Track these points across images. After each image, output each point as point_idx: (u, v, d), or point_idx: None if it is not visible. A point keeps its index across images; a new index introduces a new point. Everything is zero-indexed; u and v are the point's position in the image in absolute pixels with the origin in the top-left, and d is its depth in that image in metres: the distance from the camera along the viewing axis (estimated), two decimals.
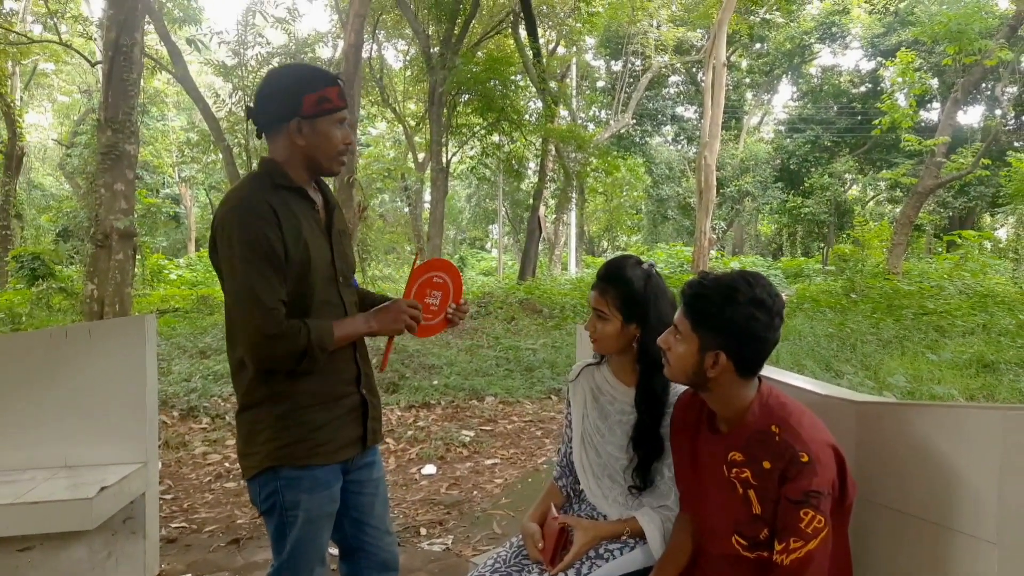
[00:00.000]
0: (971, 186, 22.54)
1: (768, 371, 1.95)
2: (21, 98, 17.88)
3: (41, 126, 26.48)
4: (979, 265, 16.20)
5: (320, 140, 1.64)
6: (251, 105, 1.68)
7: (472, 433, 5.27)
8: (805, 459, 1.33)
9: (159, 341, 7.41)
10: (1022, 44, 17.63)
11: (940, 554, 1.40)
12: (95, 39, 13.99)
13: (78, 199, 17.66)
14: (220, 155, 11.88)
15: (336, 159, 1.69)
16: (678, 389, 1.73)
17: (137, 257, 8.88)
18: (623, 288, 1.74)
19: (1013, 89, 21.56)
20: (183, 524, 3.61)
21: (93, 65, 12.84)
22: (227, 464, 4.54)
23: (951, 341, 8.41)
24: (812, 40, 26.57)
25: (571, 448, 1.91)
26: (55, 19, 13.85)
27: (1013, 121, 24.00)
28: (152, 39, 13.44)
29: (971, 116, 27.93)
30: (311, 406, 1.65)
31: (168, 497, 4.00)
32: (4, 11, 12.77)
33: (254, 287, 1.52)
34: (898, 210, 22.07)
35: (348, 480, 1.80)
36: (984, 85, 21.73)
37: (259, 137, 1.71)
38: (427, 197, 18.70)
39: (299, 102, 1.60)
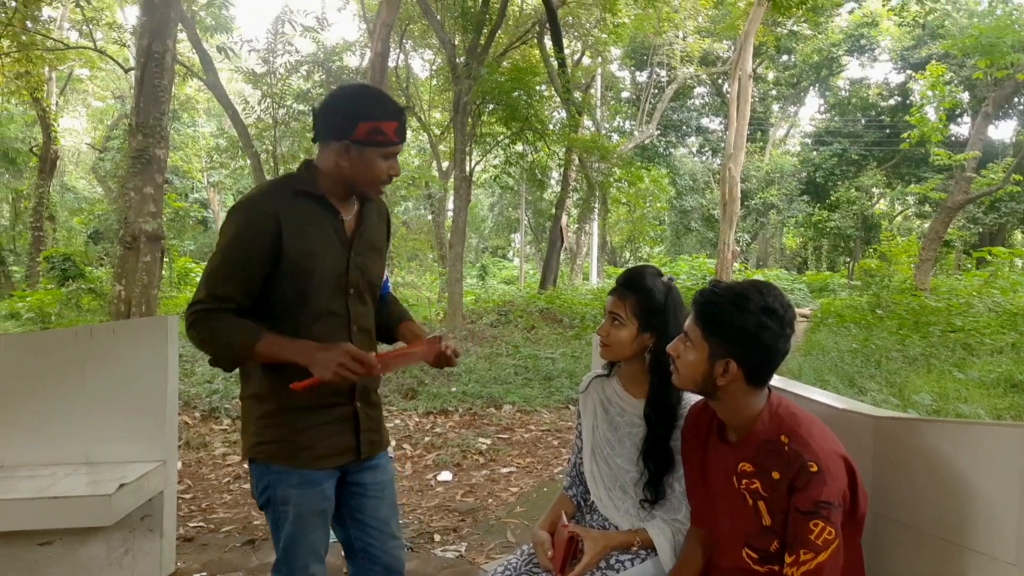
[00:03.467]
0: (1002, 202, 22.10)
1: (786, 384, 1.93)
2: (56, 103, 18.28)
3: (75, 130, 27.03)
4: (1009, 283, 15.87)
5: (364, 168, 1.64)
6: (316, 108, 1.70)
7: (489, 441, 5.27)
8: (814, 469, 1.32)
9: (183, 342, 7.53)
10: None
11: (957, 573, 1.37)
12: (129, 46, 14.30)
13: (109, 202, 18.01)
14: (248, 161, 12.04)
15: (375, 188, 1.69)
16: (689, 401, 1.72)
17: (164, 260, 9.02)
18: (643, 296, 1.74)
19: None
20: (200, 523, 3.65)
21: (126, 71, 13.13)
22: (246, 465, 4.58)
23: (979, 359, 8.25)
24: (840, 52, 26.34)
25: (581, 459, 1.91)
26: (90, 26, 14.17)
27: None
28: (184, 46, 13.68)
29: (1002, 131, 27.51)
30: (293, 410, 1.67)
31: (187, 496, 4.04)
32: (42, 18, 13.09)
33: (209, 277, 1.61)
34: (926, 225, 21.73)
35: (350, 482, 1.81)
36: (1016, 99, 21.34)
37: (313, 141, 1.72)
38: (450, 205, 18.78)
39: (353, 127, 1.60)
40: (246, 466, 4.46)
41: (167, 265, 13.55)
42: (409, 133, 23.54)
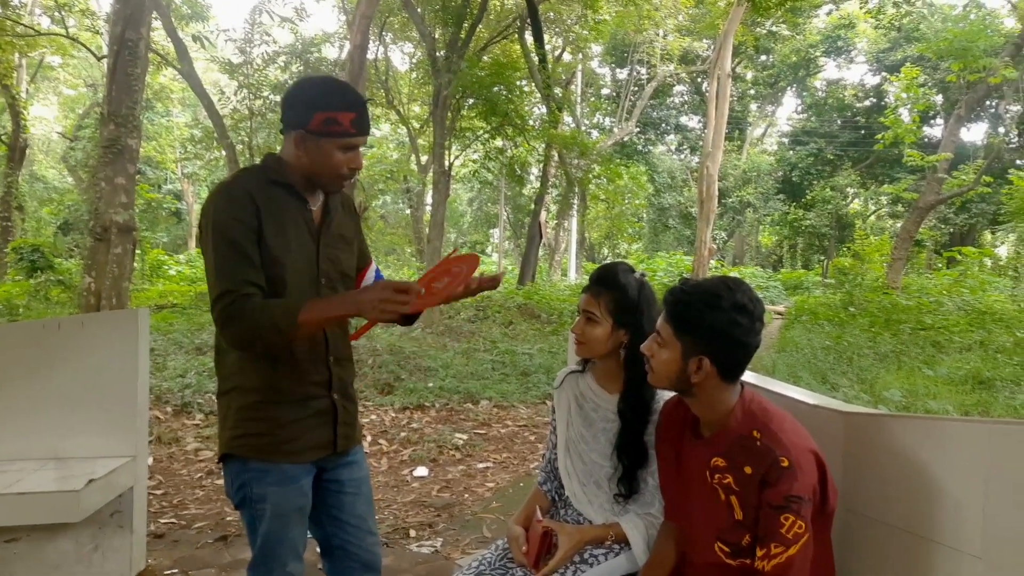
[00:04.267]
0: (972, 203, 22.57)
1: (759, 380, 1.95)
2: (27, 90, 17.90)
3: (46, 119, 26.50)
4: (978, 282, 16.22)
5: (322, 159, 1.62)
6: (283, 97, 1.69)
7: (465, 436, 5.26)
8: (786, 464, 1.33)
9: (155, 336, 7.42)
10: None
11: (924, 567, 1.39)
12: (102, 33, 14.03)
13: (80, 192, 17.69)
14: (223, 152, 11.90)
15: (334, 181, 1.66)
16: (663, 397, 1.73)
17: (136, 252, 8.89)
18: (617, 293, 1.75)
19: (1016, 107, 21.61)
20: (172, 520, 3.60)
21: (99, 59, 12.88)
22: (218, 461, 4.53)
23: (948, 357, 8.41)
24: (817, 53, 26.66)
25: (556, 454, 1.91)
26: (63, 12, 13.89)
27: (1016, 139, 24.03)
28: (159, 35, 13.46)
29: (974, 133, 28.03)
30: (276, 403, 1.65)
31: (158, 492, 3.99)
32: (12, 3, 12.79)
33: (220, 268, 1.55)
34: (899, 225, 22.08)
35: (327, 479, 1.80)
36: (988, 103, 21.77)
37: (282, 133, 1.70)
38: (429, 199, 18.71)
39: (309, 116, 1.58)
40: (219, 463, 4.43)
41: (139, 257, 13.36)
42: (386, 127, 23.45)
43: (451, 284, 1.59)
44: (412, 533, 3.52)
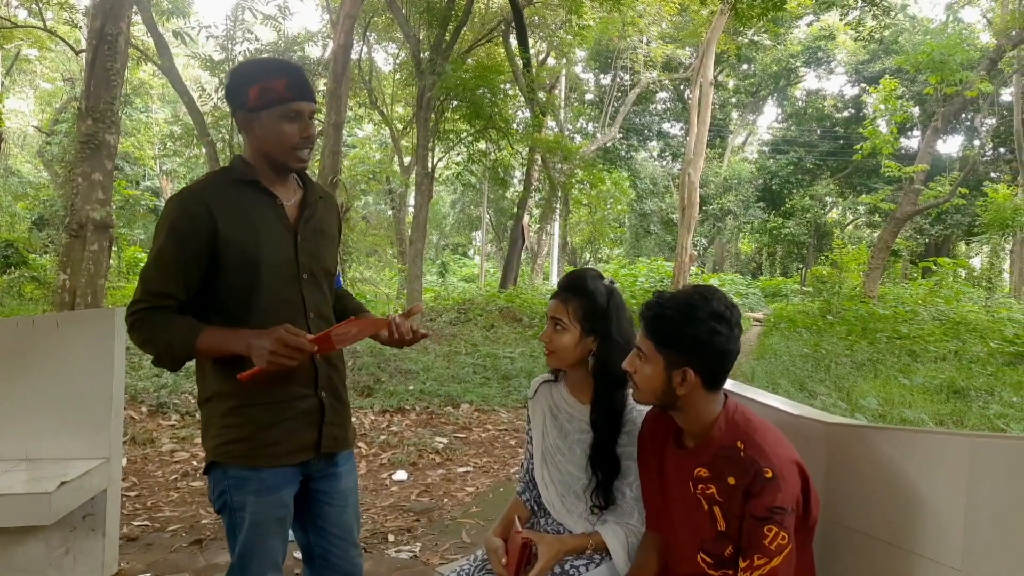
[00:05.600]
0: (948, 214, 22.96)
1: (740, 389, 1.95)
2: (2, 83, 17.58)
3: (22, 112, 26.03)
4: (953, 292, 16.49)
5: (267, 134, 1.60)
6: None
7: (446, 440, 5.23)
8: (769, 475, 1.33)
9: None
10: (1001, 77, 18.01)
11: None
12: (80, 27, 13.82)
13: (56, 187, 17.36)
14: (203, 150, 11.77)
15: (290, 153, 1.63)
16: (634, 406, 1.71)
17: (113, 249, 8.75)
18: (585, 299, 1.72)
19: (992, 121, 22.05)
20: (145, 522, 3.54)
21: (77, 53, 12.64)
22: (195, 463, 4.46)
23: (923, 366, 8.52)
24: (798, 63, 27.01)
25: (533, 464, 1.90)
26: (40, 5, 13.63)
27: (991, 152, 24.52)
28: (139, 29, 13.29)
29: (950, 145, 28.51)
30: (257, 405, 1.62)
31: (132, 494, 3.91)
32: None
33: (144, 275, 1.57)
34: (876, 234, 22.41)
35: (314, 488, 1.76)
36: (964, 116, 22.17)
37: (239, 132, 1.69)
38: (411, 201, 18.65)
39: (245, 95, 1.58)
40: (195, 464, 4.36)
41: (115, 254, 13.16)
42: (370, 128, 23.34)
43: (348, 338, 1.59)
44: (391, 538, 3.49)
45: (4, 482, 2.41)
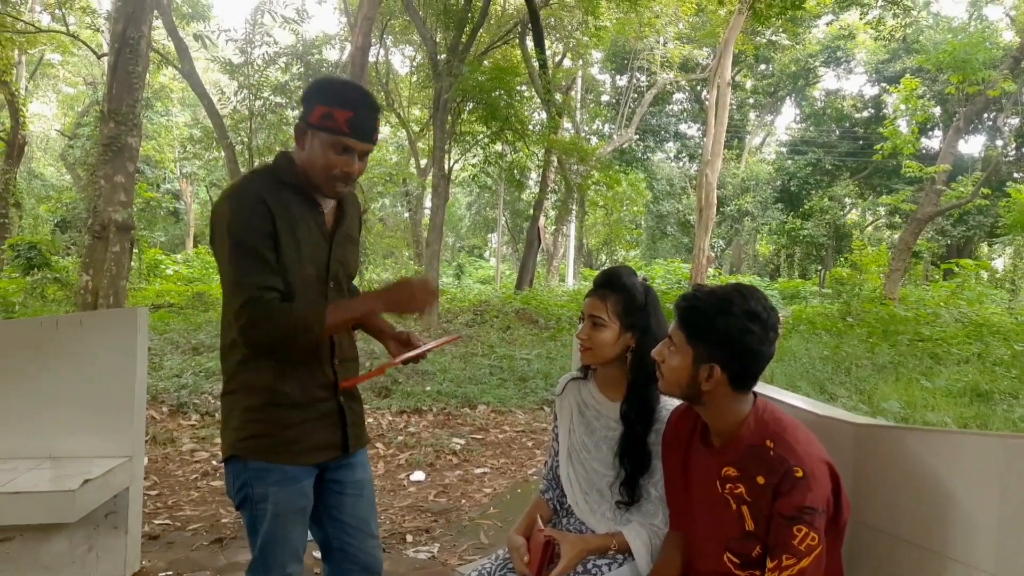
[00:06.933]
0: (970, 215, 22.63)
1: (767, 390, 1.93)
2: (26, 87, 17.85)
3: (45, 116, 26.44)
4: (975, 294, 16.23)
5: (315, 155, 1.61)
6: None
7: (463, 441, 5.23)
8: (799, 474, 1.31)
9: (152, 336, 7.38)
10: None
11: None
12: (102, 31, 14.01)
13: (78, 190, 17.60)
14: (222, 153, 11.86)
15: (328, 182, 1.63)
16: (667, 403, 1.71)
17: (134, 251, 8.85)
18: (624, 295, 1.73)
19: (1015, 120, 21.70)
20: (167, 521, 3.57)
21: (99, 57, 12.84)
22: (214, 462, 4.49)
23: (946, 369, 8.39)
24: (817, 63, 26.74)
25: (558, 462, 1.89)
26: (63, 10, 13.86)
27: (1014, 152, 24.13)
28: (160, 34, 13.44)
29: (972, 145, 28.16)
30: (281, 405, 1.63)
31: (153, 493, 3.95)
32: (12, 0, 12.76)
33: (242, 272, 1.54)
34: (896, 236, 22.13)
35: (328, 480, 1.78)
36: (986, 115, 21.87)
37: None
38: (428, 203, 18.68)
39: (311, 109, 1.59)
40: (215, 463, 4.39)
41: (136, 256, 13.29)
42: (386, 130, 23.42)
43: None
44: (409, 538, 3.49)
45: (29, 480, 2.44)
